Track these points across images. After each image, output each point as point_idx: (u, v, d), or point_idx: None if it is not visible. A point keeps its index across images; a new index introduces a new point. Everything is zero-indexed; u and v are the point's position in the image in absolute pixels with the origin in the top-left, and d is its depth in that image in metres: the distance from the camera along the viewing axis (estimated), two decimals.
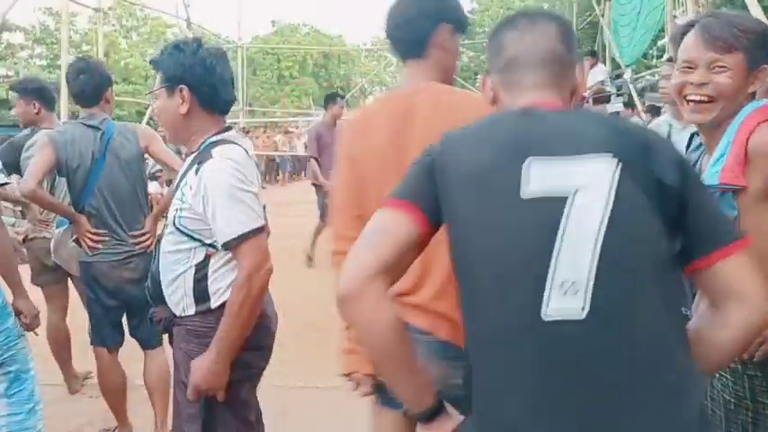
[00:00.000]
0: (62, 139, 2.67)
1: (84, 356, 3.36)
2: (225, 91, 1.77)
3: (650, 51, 18.05)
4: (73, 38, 23.96)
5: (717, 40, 1.41)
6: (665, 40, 12.42)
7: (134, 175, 2.75)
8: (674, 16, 10.26)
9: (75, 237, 2.76)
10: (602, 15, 13.18)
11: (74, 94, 2.82)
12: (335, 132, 5.69)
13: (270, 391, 2.35)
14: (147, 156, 2.89)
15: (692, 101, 1.46)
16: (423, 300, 1.51)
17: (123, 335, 2.87)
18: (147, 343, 2.82)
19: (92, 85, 2.74)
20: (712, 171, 1.41)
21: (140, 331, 2.82)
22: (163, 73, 1.73)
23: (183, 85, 1.69)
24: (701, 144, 1.60)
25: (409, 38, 1.65)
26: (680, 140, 1.78)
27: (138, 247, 2.72)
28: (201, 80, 1.69)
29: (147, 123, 15.70)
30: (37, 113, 3.32)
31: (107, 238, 2.68)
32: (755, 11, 7.01)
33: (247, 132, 16.55)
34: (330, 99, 6.74)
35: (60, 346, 3.42)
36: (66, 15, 11.20)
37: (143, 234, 2.74)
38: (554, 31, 1.14)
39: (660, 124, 3.28)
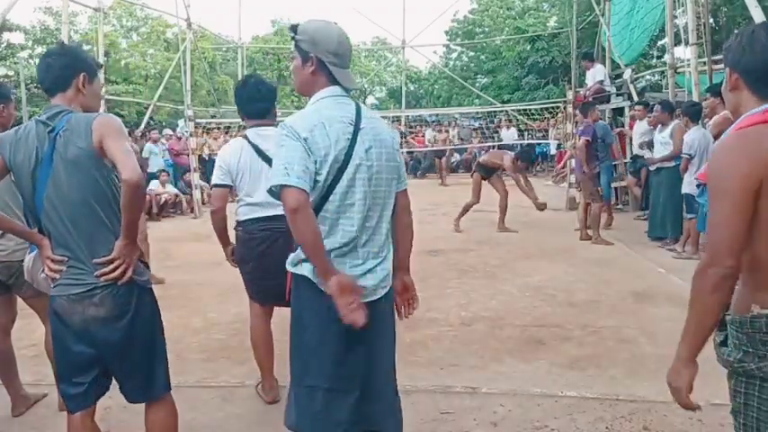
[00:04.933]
0: (8, 139, 2.18)
1: None
2: None
3: (650, 51, 18.07)
4: (73, 38, 23.93)
5: None
6: (665, 40, 12.40)
7: (85, 180, 2.09)
8: (674, 16, 10.25)
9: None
10: (602, 15, 13.17)
11: (40, 82, 2.26)
12: None
13: None
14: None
15: None
16: None
17: (92, 396, 2.25)
18: (138, 399, 2.30)
19: (57, 68, 2.18)
20: None
21: (126, 386, 2.27)
22: None
23: None
24: None
25: None
26: None
27: (102, 279, 2.10)
28: None
29: (147, 124, 15.78)
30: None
31: (64, 267, 2.13)
32: (755, 11, 7.01)
33: None
34: None
35: (2, 365, 3.23)
36: (66, 15, 11.21)
37: (109, 261, 2.10)
38: None
39: None
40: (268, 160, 3.00)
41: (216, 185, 3.23)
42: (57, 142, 2.09)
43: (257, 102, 3.20)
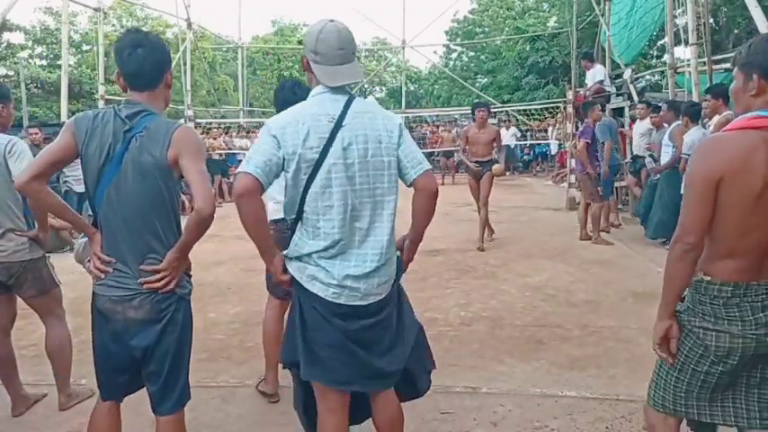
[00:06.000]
0: (85, 124, 2.09)
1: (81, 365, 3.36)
2: None
3: (650, 51, 18.07)
4: (73, 38, 23.94)
5: None
6: (665, 40, 12.40)
7: (149, 189, 2.07)
8: (674, 16, 10.24)
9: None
10: (602, 15, 13.18)
11: (127, 74, 2.12)
12: None
13: None
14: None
15: None
16: None
17: (123, 392, 2.31)
18: (158, 405, 2.24)
19: (151, 63, 2.10)
20: None
21: (153, 385, 2.23)
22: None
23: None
24: None
25: None
26: None
27: (145, 286, 2.10)
28: None
29: None
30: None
31: (110, 269, 2.13)
32: (755, 11, 7.01)
33: (248, 133, 16.52)
34: None
35: (2, 362, 3.24)
36: (66, 15, 11.21)
37: (157, 271, 2.10)
38: None
39: None
40: None
41: None
42: (131, 144, 2.05)
43: (292, 104, 3.21)
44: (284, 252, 2.11)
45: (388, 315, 2.16)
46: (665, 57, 12.35)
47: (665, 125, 7.41)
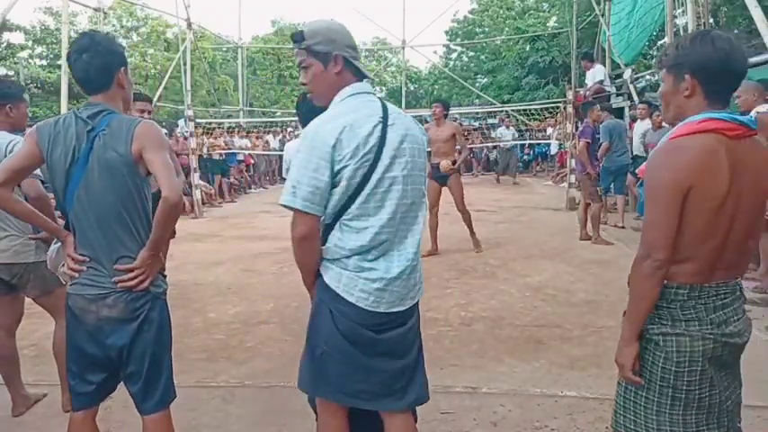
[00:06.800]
0: (47, 131, 2.13)
1: None
2: None
3: (650, 51, 18.06)
4: (73, 38, 23.90)
5: None
6: (665, 40, 12.40)
7: (117, 185, 2.08)
8: (674, 16, 10.24)
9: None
10: (602, 15, 13.18)
11: (77, 79, 2.18)
12: None
13: None
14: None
15: None
16: None
17: (98, 397, 2.27)
18: (141, 404, 2.23)
19: (96, 67, 2.12)
20: None
21: (133, 385, 2.22)
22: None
23: None
24: None
25: None
26: None
27: (119, 285, 2.10)
28: None
29: None
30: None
31: (84, 268, 2.13)
32: (755, 11, 7.01)
33: (248, 133, 16.52)
34: None
35: (4, 362, 3.25)
36: (66, 15, 11.20)
37: (130, 270, 2.10)
38: None
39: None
40: None
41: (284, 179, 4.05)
42: (95, 143, 2.08)
43: (315, 114, 3.49)
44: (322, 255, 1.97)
45: (415, 322, 2.12)
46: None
47: (665, 125, 7.42)
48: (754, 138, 1.73)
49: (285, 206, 1.84)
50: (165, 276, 2.27)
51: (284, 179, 2.16)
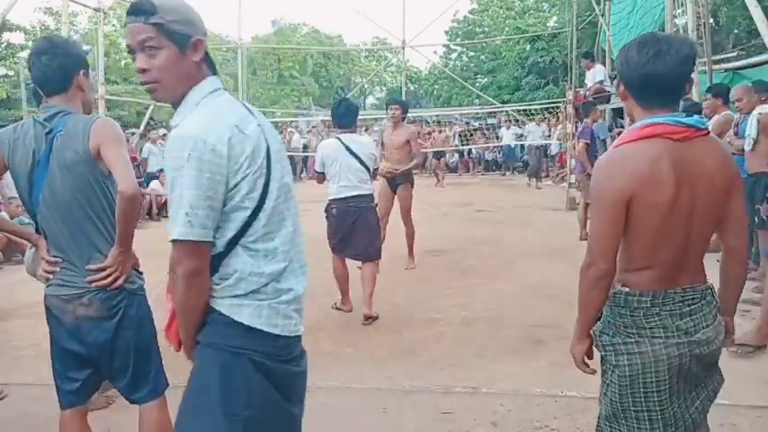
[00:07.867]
0: (7, 137, 2.15)
1: None
2: None
3: None
4: (73, 38, 23.91)
5: None
6: None
7: (79, 184, 2.07)
8: (674, 16, 10.24)
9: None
10: (602, 15, 13.18)
11: (35, 81, 2.19)
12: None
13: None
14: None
15: None
16: None
17: (84, 394, 2.27)
18: (132, 395, 2.24)
19: (54, 68, 2.12)
20: None
21: (118, 384, 2.25)
22: None
23: None
24: None
25: None
26: None
27: (93, 284, 2.09)
28: None
29: (147, 124, 15.76)
30: None
31: (57, 268, 2.13)
32: (755, 11, 7.02)
33: None
34: None
35: None
36: (66, 15, 11.22)
37: (102, 269, 2.09)
38: None
39: None
40: (354, 156, 4.55)
41: (317, 172, 4.86)
42: (53, 144, 2.08)
43: (346, 117, 4.73)
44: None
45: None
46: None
47: None
48: (709, 138, 1.71)
49: (178, 241, 1.50)
50: (140, 273, 2.27)
51: (309, 179, 1.90)
